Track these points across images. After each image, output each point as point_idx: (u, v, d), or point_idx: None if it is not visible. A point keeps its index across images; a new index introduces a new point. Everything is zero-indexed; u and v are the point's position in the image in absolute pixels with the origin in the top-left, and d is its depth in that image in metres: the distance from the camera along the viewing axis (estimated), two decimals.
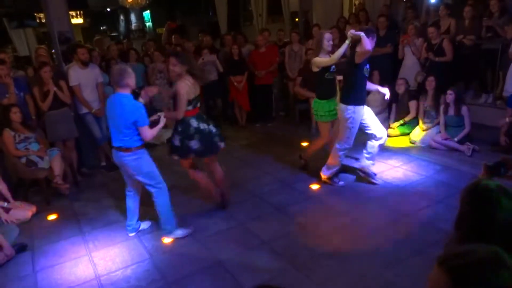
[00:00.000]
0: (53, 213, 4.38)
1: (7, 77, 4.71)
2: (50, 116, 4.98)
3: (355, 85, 4.09)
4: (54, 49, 5.79)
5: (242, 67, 6.84)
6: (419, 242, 3.26)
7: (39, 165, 4.58)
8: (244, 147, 6.04)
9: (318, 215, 3.87)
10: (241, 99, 7.03)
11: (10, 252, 3.49)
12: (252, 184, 4.62)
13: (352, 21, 7.51)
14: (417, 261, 3.00)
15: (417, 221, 3.61)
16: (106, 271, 3.26)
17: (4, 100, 4.70)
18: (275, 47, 7.28)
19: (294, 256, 3.23)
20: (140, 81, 6.53)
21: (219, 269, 3.15)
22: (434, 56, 5.81)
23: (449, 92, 5.12)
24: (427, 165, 4.80)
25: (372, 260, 3.09)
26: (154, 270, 3.22)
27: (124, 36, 15.31)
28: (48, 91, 4.88)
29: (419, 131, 5.57)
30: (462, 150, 5.00)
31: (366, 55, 3.90)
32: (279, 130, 6.90)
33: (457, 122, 5.14)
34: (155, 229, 3.83)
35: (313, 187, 4.48)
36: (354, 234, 3.48)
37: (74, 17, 11.37)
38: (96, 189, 5.03)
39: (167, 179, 3.67)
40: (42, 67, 4.90)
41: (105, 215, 4.25)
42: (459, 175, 4.41)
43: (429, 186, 4.27)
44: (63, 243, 3.76)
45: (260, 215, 3.91)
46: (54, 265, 3.41)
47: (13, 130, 4.55)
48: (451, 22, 6.11)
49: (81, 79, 5.18)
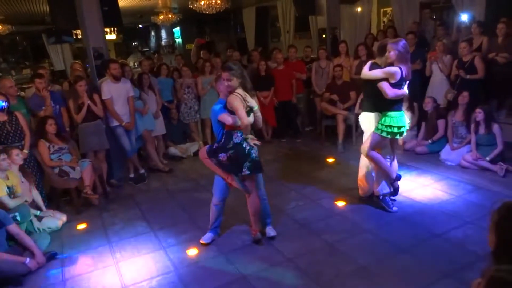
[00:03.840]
0: (82, 223, 4.50)
1: (44, 91, 4.93)
2: (83, 128, 5.16)
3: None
4: (88, 64, 6.02)
5: (268, 83, 6.91)
6: (449, 264, 3.15)
7: (70, 175, 4.73)
8: (269, 162, 6.05)
9: (343, 232, 3.82)
10: (266, 115, 7.06)
11: (42, 260, 3.59)
12: (277, 200, 4.61)
13: (380, 38, 7.50)
14: (447, 284, 2.91)
15: (446, 242, 3.50)
16: (132, 282, 3.31)
17: (41, 112, 4.92)
18: (296, 63, 7.32)
19: (318, 273, 3.19)
20: (170, 95, 6.71)
21: (243, 284, 3.14)
22: (465, 74, 5.70)
23: (477, 110, 5.01)
24: (457, 185, 4.67)
25: (400, 281, 3.02)
26: (179, 282, 3.24)
27: (155, 52, 15.73)
28: (83, 103, 5.07)
29: (449, 150, 5.44)
30: (494, 170, 4.85)
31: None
32: (305, 146, 6.89)
33: (488, 140, 5.00)
34: (180, 241, 3.87)
35: (338, 204, 4.43)
36: (380, 253, 3.41)
37: (108, 33, 11.81)
38: (124, 200, 5.14)
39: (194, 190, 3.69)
40: (77, 81, 5.11)
41: (132, 226, 4.33)
42: (491, 196, 4.27)
43: (459, 206, 4.15)
44: (91, 252, 3.85)
45: (284, 231, 3.89)
46: (82, 274, 3.49)
47: (47, 141, 4.74)
48: (483, 39, 6.00)
49: (113, 93, 5.36)
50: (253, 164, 3.48)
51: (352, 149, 6.35)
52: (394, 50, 3.73)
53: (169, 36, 17.47)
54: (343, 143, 6.41)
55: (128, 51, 18.11)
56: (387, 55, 3.80)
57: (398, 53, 3.73)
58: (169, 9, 10.42)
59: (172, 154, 6.63)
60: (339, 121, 6.44)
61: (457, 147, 5.36)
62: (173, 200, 4.95)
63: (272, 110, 7.06)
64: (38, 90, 4.95)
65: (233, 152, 3.47)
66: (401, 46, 3.74)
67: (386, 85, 3.78)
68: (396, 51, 3.73)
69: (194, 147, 6.80)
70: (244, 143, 3.48)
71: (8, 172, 4.02)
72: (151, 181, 5.71)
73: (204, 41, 12.48)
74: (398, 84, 3.79)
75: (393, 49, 3.73)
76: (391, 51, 3.75)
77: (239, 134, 3.48)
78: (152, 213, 4.64)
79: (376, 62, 3.99)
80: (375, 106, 4.03)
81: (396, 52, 3.73)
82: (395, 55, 3.74)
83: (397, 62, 3.77)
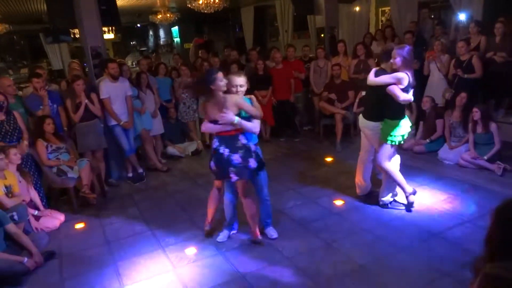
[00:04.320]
0: (80, 222, 4.49)
1: (42, 90, 4.92)
2: (81, 127, 5.16)
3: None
4: (86, 63, 6.01)
5: (266, 82, 6.91)
6: (447, 263, 3.16)
7: (68, 175, 4.72)
8: (267, 161, 5.98)
9: (342, 231, 3.82)
10: (265, 114, 7.05)
11: (40, 260, 3.58)
12: (275, 199, 4.60)
13: (378, 37, 7.51)
14: (445, 283, 2.92)
15: (444, 241, 3.51)
16: (130, 281, 3.30)
17: (39, 111, 4.91)
18: (295, 62, 7.32)
19: (316, 273, 3.19)
20: (168, 94, 6.70)
21: (241, 283, 3.14)
22: (463, 73, 5.71)
23: (474, 109, 5.03)
24: (455, 184, 4.67)
25: (398, 280, 3.02)
26: (177, 281, 3.24)
27: (153, 51, 15.69)
28: (80, 103, 5.06)
29: (447, 149, 5.45)
30: (492, 169, 4.86)
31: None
32: (304, 145, 6.90)
33: (486, 139, 5.01)
34: (179, 240, 3.87)
35: (336, 203, 4.44)
36: (378, 252, 3.41)
37: (106, 33, 11.76)
38: (122, 199, 5.14)
39: (192, 190, 3.70)
40: (75, 80, 5.10)
41: (131, 226, 4.33)
42: (488, 195, 4.28)
43: (457, 205, 4.16)
44: (89, 252, 3.85)
45: (283, 230, 3.89)
46: (80, 274, 3.48)
47: (45, 141, 4.73)
48: (481, 39, 6.01)
49: (111, 92, 5.35)
50: (238, 170, 3.38)
51: (350, 148, 6.36)
52: (400, 56, 3.71)
53: (167, 35, 17.44)
54: (341, 142, 6.42)
55: (127, 51, 18.05)
56: (393, 61, 3.77)
57: (403, 59, 3.71)
58: (167, 8, 10.41)
59: (170, 154, 6.62)
60: (337, 120, 6.44)
61: (455, 146, 5.37)
62: (171, 200, 4.95)
63: (270, 109, 7.05)
64: (36, 89, 4.93)
65: (214, 158, 3.45)
66: (406, 52, 3.73)
67: (396, 88, 3.74)
68: (402, 57, 3.71)
69: (192, 146, 6.80)
70: (220, 148, 3.39)
71: (5, 172, 4.01)
72: (149, 181, 5.70)
73: (202, 40, 12.46)
74: (405, 90, 3.78)
75: (399, 55, 3.71)
76: (397, 57, 3.72)
77: (216, 140, 3.44)
78: (150, 212, 4.64)
79: (382, 68, 3.96)
80: (382, 115, 3.94)
81: (401, 58, 3.71)
82: (400, 61, 3.72)
83: (402, 68, 3.75)
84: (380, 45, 7.33)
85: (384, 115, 3.95)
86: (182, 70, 6.79)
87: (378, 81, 3.86)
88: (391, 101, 3.81)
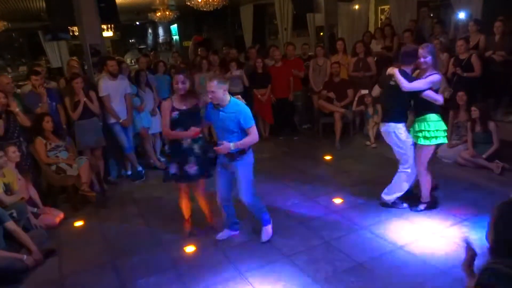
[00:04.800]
0: (79, 220, 4.49)
1: (41, 88, 4.91)
2: (80, 125, 5.15)
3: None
4: (85, 61, 6.01)
5: (265, 80, 6.91)
6: (444, 261, 3.17)
7: (68, 173, 4.72)
8: (267, 159, 6.05)
9: (340, 229, 3.83)
10: (264, 112, 7.08)
11: (39, 257, 3.58)
12: (275, 197, 4.62)
13: (377, 35, 7.51)
14: (443, 281, 2.93)
15: (443, 239, 3.52)
16: (130, 279, 3.31)
17: (38, 109, 4.90)
18: (294, 60, 7.31)
19: (315, 270, 3.20)
20: (167, 92, 6.68)
21: (240, 281, 3.15)
22: (462, 72, 5.71)
23: (472, 108, 5.04)
24: (454, 182, 4.68)
25: (396, 278, 3.03)
26: (176, 279, 3.24)
27: (152, 49, 15.67)
28: (79, 101, 5.06)
29: (446, 147, 5.46)
30: (490, 168, 4.87)
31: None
32: (303, 143, 6.90)
33: (484, 138, 5.02)
34: (178, 238, 3.88)
35: (335, 201, 4.44)
36: (377, 250, 3.42)
37: (105, 30, 11.74)
38: (121, 197, 5.14)
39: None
40: (74, 78, 5.09)
41: (130, 223, 4.33)
42: (486, 194, 4.29)
43: (455, 203, 4.16)
44: (88, 250, 3.85)
45: (282, 228, 3.90)
46: (80, 271, 3.48)
47: (44, 138, 4.73)
48: (480, 38, 6.01)
49: (110, 90, 5.34)
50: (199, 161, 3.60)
51: (350, 147, 6.38)
52: (431, 55, 3.69)
53: (167, 33, 17.43)
54: (340, 140, 6.42)
55: (126, 49, 18.03)
56: (423, 61, 3.71)
57: (432, 58, 3.70)
58: (166, 6, 10.38)
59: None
60: (336, 119, 6.44)
61: (455, 144, 5.38)
62: (170, 197, 4.94)
63: (269, 108, 7.06)
64: (34, 87, 4.93)
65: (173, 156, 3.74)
66: (432, 51, 3.71)
67: (433, 93, 3.71)
68: (432, 56, 3.69)
69: None
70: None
71: (4, 170, 4.01)
72: (148, 179, 5.70)
73: (201, 38, 12.43)
74: (434, 90, 3.77)
75: (430, 54, 3.68)
76: (427, 56, 3.69)
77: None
78: (150, 210, 4.64)
79: (403, 70, 3.83)
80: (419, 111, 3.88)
81: (432, 56, 3.69)
82: (431, 60, 3.70)
83: (431, 68, 3.73)
84: (379, 44, 7.34)
85: (421, 112, 3.86)
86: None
87: (417, 87, 3.72)
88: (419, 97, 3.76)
